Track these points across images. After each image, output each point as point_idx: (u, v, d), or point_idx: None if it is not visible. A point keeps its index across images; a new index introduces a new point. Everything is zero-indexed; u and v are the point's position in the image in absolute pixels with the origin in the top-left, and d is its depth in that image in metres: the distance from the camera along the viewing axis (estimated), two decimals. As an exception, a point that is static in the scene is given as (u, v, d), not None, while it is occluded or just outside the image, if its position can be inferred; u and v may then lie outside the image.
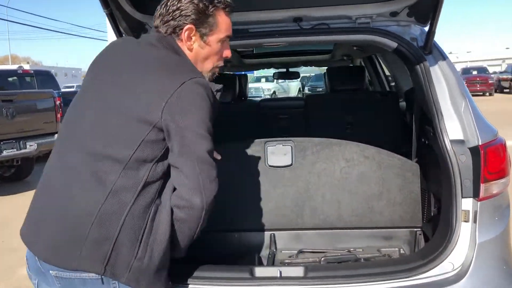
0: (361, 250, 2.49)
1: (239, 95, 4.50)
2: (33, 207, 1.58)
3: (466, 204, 2.05)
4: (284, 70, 6.60)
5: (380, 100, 3.69)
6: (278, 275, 2.05)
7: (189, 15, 1.62)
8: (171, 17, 1.63)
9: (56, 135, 8.03)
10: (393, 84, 4.92)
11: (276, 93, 23.12)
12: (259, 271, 2.09)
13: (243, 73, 6.00)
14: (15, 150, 7.34)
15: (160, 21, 1.66)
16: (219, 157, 2.38)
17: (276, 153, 2.46)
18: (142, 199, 1.47)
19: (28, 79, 12.06)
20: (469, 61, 50.93)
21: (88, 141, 1.50)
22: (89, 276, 1.46)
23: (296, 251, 2.52)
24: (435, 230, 2.29)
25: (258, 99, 5.39)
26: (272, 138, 2.50)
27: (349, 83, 3.85)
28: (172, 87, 1.48)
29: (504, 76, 29.58)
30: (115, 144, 1.47)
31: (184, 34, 1.64)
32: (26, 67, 16.76)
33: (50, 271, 1.50)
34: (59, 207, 1.48)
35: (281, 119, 3.96)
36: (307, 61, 6.38)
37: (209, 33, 1.66)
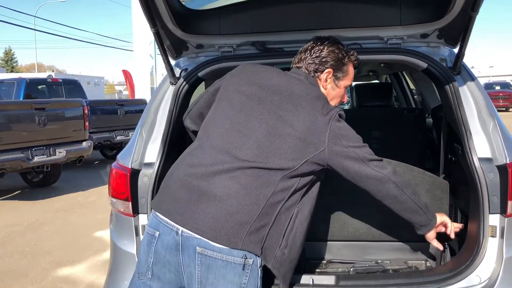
0: (388, 262, 2.56)
1: None
2: (179, 192, 1.79)
3: (493, 220, 2.13)
4: None
5: (407, 116, 3.75)
6: (311, 283, 2.15)
7: (329, 61, 1.96)
8: (313, 62, 1.96)
9: (83, 143, 8.32)
10: (416, 97, 4.98)
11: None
12: (292, 279, 2.18)
13: None
14: (45, 156, 7.57)
15: (302, 62, 1.99)
16: None
17: None
18: (290, 201, 1.79)
19: (56, 87, 12.45)
20: (492, 76, 50.32)
21: (245, 151, 1.77)
22: (234, 260, 1.68)
23: (325, 261, 2.61)
24: (461, 244, 2.36)
25: None
26: None
27: (377, 99, 3.93)
28: (327, 118, 1.80)
29: (528, 92, 29.21)
30: (281, 157, 1.77)
31: (323, 75, 1.96)
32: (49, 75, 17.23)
33: (197, 247, 1.69)
34: (216, 196, 1.72)
35: None
36: None
37: (342, 78, 1.99)
